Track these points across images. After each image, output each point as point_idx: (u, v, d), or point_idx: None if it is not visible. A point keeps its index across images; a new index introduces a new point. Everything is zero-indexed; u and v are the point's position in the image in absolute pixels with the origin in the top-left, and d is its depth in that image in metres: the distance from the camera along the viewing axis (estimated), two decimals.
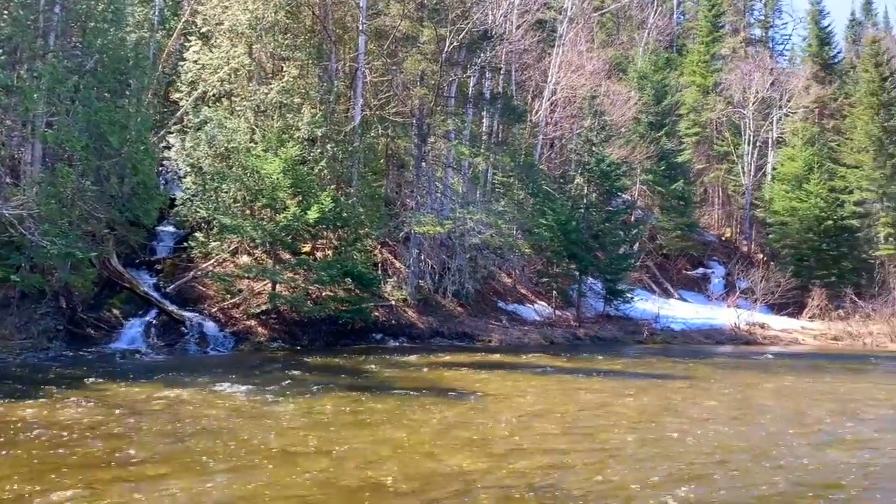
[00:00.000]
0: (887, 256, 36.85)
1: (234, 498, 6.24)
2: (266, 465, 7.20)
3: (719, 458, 8.11)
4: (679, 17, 54.76)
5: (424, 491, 6.52)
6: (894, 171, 37.30)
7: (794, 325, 31.03)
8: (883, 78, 39.00)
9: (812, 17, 48.35)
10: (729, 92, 43.85)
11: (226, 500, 6.24)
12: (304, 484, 6.61)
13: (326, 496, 6.33)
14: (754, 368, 18.62)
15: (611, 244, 29.10)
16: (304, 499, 6.22)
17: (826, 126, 44.52)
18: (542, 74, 33.07)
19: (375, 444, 8.27)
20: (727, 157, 44.21)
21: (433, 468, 7.33)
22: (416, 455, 7.85)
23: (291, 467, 7.16)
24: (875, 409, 12.23)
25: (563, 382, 14.16)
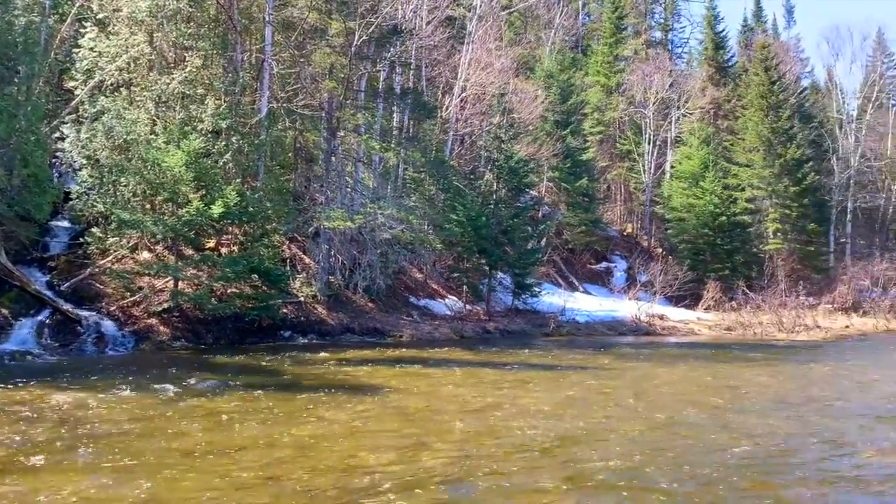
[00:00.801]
0: (775, 250, 39.23)
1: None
2: (163, 468, 6.98)
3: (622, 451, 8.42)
4: (584, 17, 56.34)
5: (330, 488, 6.50)
6: (782, 170, 39.69)
7: (691, 317, 32.55)
8: (772, 81, 41.39)
9: (708, 22, 50.74)
10: (631, 92, 45.47)
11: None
12: (203, 486, 6.46)
13: (226, 497, 6.20)
14: (652, 358, 19.43)
15: (519, 239, 29.70)
16: (200, 501, 6.08)
17: (720, 126, 46.87)
18: (452, 71, 33.33)
19: (281, 442, 8.16)
20: (629, 156, 45.90)
21: (340, 465, 7.30)
22: (323, 452, 7.80)
23: (189, 469, 6.97)
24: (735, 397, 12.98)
25: (471, 376, 14.36)
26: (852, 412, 11.43)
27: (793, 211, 39.62)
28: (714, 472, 7.31)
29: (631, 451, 8.08)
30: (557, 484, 6.77)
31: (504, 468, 7.30)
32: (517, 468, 7.33)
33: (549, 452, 8.10)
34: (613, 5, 49.98)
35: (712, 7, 50.65)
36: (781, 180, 39.56)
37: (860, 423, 10.41)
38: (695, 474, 7.27)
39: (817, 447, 8.82)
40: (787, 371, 17.42)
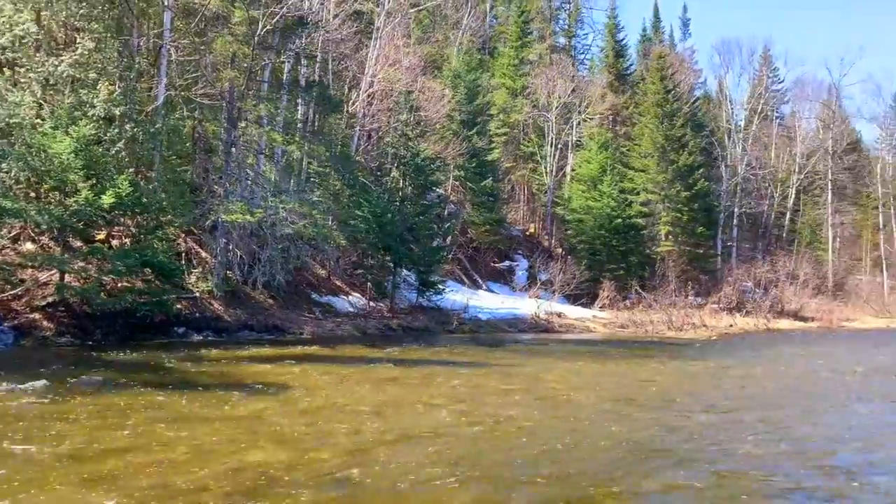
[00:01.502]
0: (667, 252, 41.11)
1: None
2: (43, 472, 6.62)
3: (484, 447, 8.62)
4: (492, 20, 57.14)
5: (221, 489, 6.34)
6: (675, 176, 41.61)
7: (587, 314, 33.66)
8: (667, 91, 43.32)
9: (609, 31, 52.55)
10: (535, 96, 46.51)
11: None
12: (87, 489, 6.17)
13: (112, 500, 5.95)
14: (549, 354, 19.99)
15: (425, 237, 29.87)
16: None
17: (619, 132, 48.69)
18: (360, 66, 33.10)
19: (171, 442, 7.89)
20: (532, 158, 46.95)
21: (232, 465, 7.14)
22: (215, 452, 7.60)
23: (72, 473, 6.64)
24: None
25: (372, 373, 14.33)
26: (707, 406, 12.13)
27: (684, 215, 41.61)
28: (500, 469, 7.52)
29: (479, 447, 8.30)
30: (449, 477, 6.87)
31: (398, 463, 7.34)
32: (413, 463, 7.38)
33: (442, 445, 8.21)
34: (520, 9, 50.97)
35: (614, 16, 52.58)
36: (674, 185, 41.47)
37: (705, 419, 11.05)
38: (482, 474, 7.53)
39: (654, 441, 9.32)
40: (669, 368, 18.29)
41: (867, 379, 16.49)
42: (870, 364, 19.84)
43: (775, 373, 17.39)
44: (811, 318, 40.33)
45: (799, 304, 41.56)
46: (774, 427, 10.19)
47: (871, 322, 41.93)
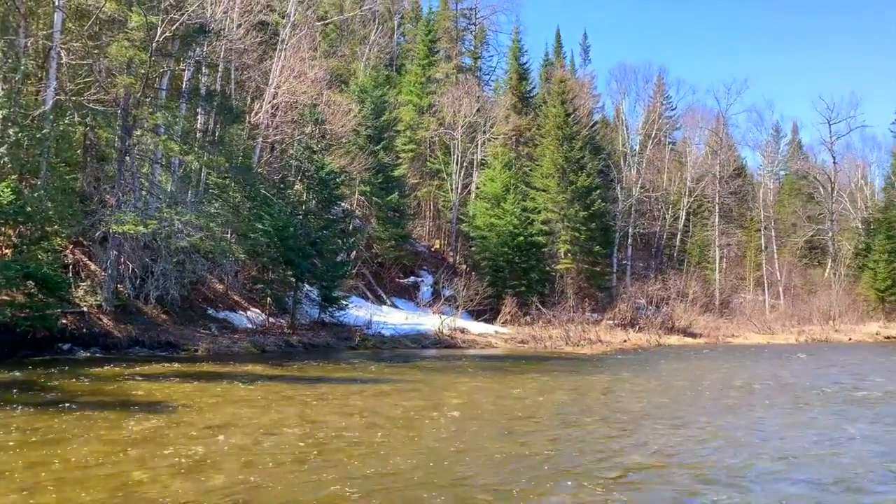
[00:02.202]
0: (565, 270, 42.31)
1: None
2: None
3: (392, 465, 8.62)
4: (400, 38, 57.57)
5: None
6: (574, 196, 42.98)
7: (490, 330, 34.16)
8: (567, 114, 44.79)
9: (513, 54, 53.91)
10: (441, 114, 47.09)
11: None
12: None
13: None
14: (450, 370, 20.15)
15: (328, 252, 29.55)
16: None
17: (521, 152, 49.87)
18: (264, 76, 32.58)
19: (50, 465, 7.47)
20: (438, 175, 47.45)
21: (115, 489, 6.83)
22: (100, 475, 7.25)
23: None
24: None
25: (265, 391, 14.02)
26: (599, 419, 12.59)
27: (582, 234, 43.00)
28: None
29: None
30: (347, 498, 6.83)
31: (289, 485, 7.22)
32: (308, 484, 7.28)
33: (338, 464, 8.14)
34: (427, 29, 51.63)
35: (517, 40, 53.93)
36: (573, 205, 42.82)
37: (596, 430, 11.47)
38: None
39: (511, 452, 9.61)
40: (566, 382, 18.80)
41: (747, 392, 17.49)
42: (749, 378, 21.04)
43: (667, 387, 18.17)
44: (699, 334, 42.31)
45: (688, 320, 43.54)
46: (666, 439, 10.65)
47: (754, 338, 44.38)
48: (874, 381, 20.27)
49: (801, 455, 9.70)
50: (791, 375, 21.94)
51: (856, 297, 57.72)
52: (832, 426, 12.18)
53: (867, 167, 75.26)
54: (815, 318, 51.84)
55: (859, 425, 12.24)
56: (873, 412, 14.10)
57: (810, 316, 52.04)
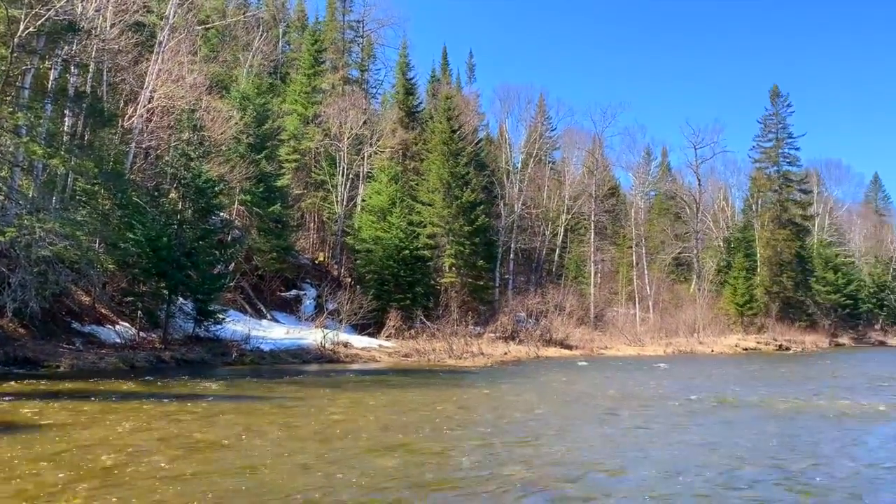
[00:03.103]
0: (450, 283, 42.78)
1: None
2: None
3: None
4: (285, 46, 56.62)
5: None
6: (458, 211, 43.59)
7: (374, 344, 33.96)
8: (453, 130, 45.47)
9: (400, 68, 54.16)
10: (327, 125, 46.60)
11: None
12: None
13: None
14: (331, 385, 19.86)
15: (205, 263, 28.45)
16: None
17: (408, 166, 50.09)
18: (139, 79, 31.09)
19: None
20: (323, 186, 46.84)
21: None
22: None
23: None
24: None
25: (133, 410, 13.29)
26: (481, 433, 12.82)
27: (466, 248, 43.67)
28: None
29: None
30: None
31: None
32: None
33: (205, 486, 7.82)
34: (313, 38, 51.05)
35: (405, 55, 54.24)
36: (458, 220, 43.43)
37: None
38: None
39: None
40: (447, 395, 18.98)
41: (617, 402, 18.29)
42: (621, 389, 22.03)
43: (544, 398, 18.69)
44: (575, 346, 43.88)
45: (565, 333, 45.07)
46: (544, 449, 10.93)
47: (625, 350, 46.51)
48: (720, 391, 21.73)
49: (668, 462, 10.21)
50: (659, 387, 23.13)
51: (718, 311, 61.77)
52: (680, 431, 12.93)
53: (728, 190, 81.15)
54: (681, 330, 55.04)
55: (699, 430, 13.07)
56: (714, 419, 15.09)
57: (677, 329, 55.21)
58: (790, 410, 16.93)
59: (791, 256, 66.29)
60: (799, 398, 19.60)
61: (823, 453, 11.41)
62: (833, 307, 70.07)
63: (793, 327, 62.70)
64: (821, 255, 73.11)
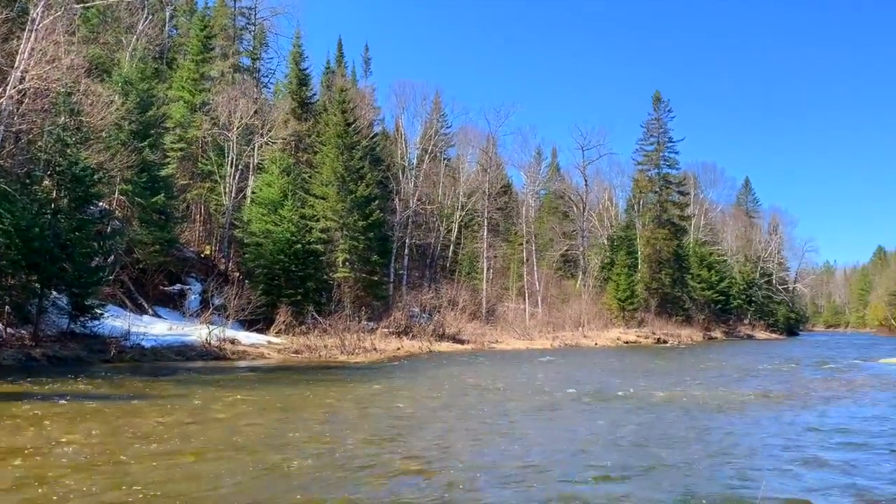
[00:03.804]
0: (343, 278, 42.43)
1: None
2: None
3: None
4: (172, 30, 54.22)
5: None
6: (353, 205, 43.26)
7: (262, 340, 33.21)
8: (347, 123, 45.04)
9: (293, 58, 53.04)
10: (216, 113, 45.05)
11: None
12: None
13: None
14: (215, 384, 19.31)
15: (81, 255, 26.87)
16: None
17: (301, 158, 49.23)
18: (9, 58, 28.90)
19: None
20: (211, 177, 45.26)
21: None
22: None
23: None
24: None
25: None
26: (367, 430, 12.88)
27: (360, 243, 43.41)
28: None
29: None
30: None
31: None
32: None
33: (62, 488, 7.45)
34: (202, 24, 49.17)
35: (299, 45, 53.16)
36: (352, 214, 43.10)
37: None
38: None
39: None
40: (337, 392, 18.88)
41: (505, 393, 18.77)
42: (508, 381, 22.61)
43: (434, 392, 18.91)
44: (467, 340, 44.62)
45: (457, 328, 45.73)
46: (429, 443, 11.07)
47: (515, 344, 47.72)
48: (599, 383, 22.75)
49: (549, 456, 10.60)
50: (547, 378, 23.90)
51: (601, 306, 64.46)
52: (574, 422, 13.48)
53: (613, 190, 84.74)
54: (567, 325, 57.09)
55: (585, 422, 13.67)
56: (587, 410, 15.80)
57: (564, 323, 57.22)
58: (662, 401, 17.92)
59: (669, 254, 70.02)
60: (673, 389, 20.78)
61: (683, 439, 12.16)
62: (707, 303, 74.62)
63: (670, 321, 66.31)
64: (696, 254, 77.65)
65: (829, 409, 16.64)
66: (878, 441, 12.28)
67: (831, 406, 17.40)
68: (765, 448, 11.53)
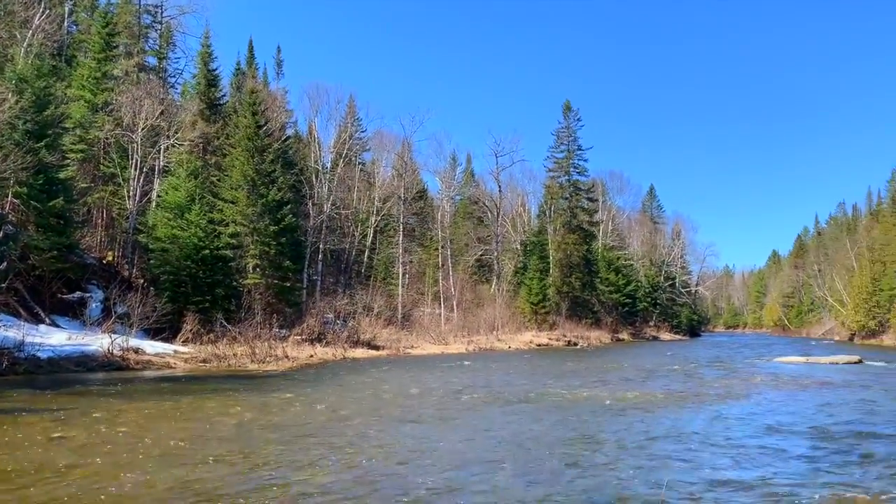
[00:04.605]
0: (253, 285, 41.48)
1: None
2: None
3: None
4: (71, 26, 51.74)
5: None
6: (264, 210, 42.37)
7: (169, 349, 32.06)
8: (258, 126, 44.10)
9: (202, 58, 51.55)
10: (119, 114, 43.27)
11: None
12: None
13: None
14: (117, 395, 18.55)
15: None
16: None
17: (209, 161, 47.81)
18: None
19: None
20: (114, 180, 43.44)
21: None
22: None
23: None
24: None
25: None
26: (278, 440, 12.69)
27: (271, 248, 42.54)
28: None
29: None
30: None
31: None
32: None
33: None
34: (104, 20, 47.17)
35: (207, 45, 51.70)
36: (263, 219, 42.21)
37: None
38: None
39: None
40: (244, 403, 18.46)
41: (421, 399, 18.82)
42: (423, 386, 22.68)
43: (348, 399, 18.75)
44: (382, 346, 44.40)
45: (373, 333, 45.47)
46: (348, 454, 10.97)
47: (430, 349, 47.85)
48: (510, 386, 23.15)
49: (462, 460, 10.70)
50: (459, 383, 24.10)
51: (515, 309, 65.56)
52: (491, 425, 13.67)
53: (526, 196, 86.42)
54: (482, 328, 57.73)
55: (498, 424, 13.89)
56: (495, 412, 16.08)
57: (478, 327, 57.82)
58: (569, 402, 18.40)
59: (579, 259, 71.90)
60: (580, 390, 21.36)
61: (590, 438, 12.54)
62: (615, 305, 77.09)
63: (580, 324, 68.09)
64: (604, 258, 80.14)
65: (725, 408, 17.49)
66: (774, 439, 13.01)
67: (728, 404, 18.30)
68: (664, 446, 12.02)
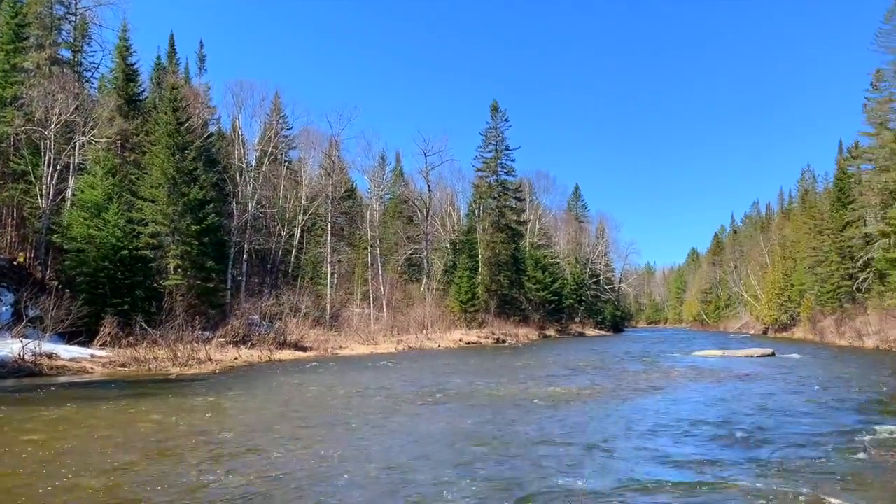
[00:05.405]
0: (175, 286, 40.31)
1: None
2: None
3: None
4: None
5: None
6: (185, 209, 41.21)
7: (85, 354, 30.83)
8: (179, 122, 42.87)
9: (120, 52, 49.72)
10: (30, 108, 41.31)
11: None
12: None
13: None
14: (30, 403, 17.76)
15: None
16: None
17: (128, 158, 46.21)
18: None
19: None
20: (25, 177, 41.43)
21: None
22: None
23: None
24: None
25: None
26: (208, 444, 12.43)
27: (194, 249, 41.42)
28: None
29: None
30: None
31: None
32: None
33: None
34: (14, 11, 44.91)
35: (125, 38, 49.88)
36: (184, 218, 41.05)
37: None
38: None
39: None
40: (165, 407, 17.96)
41: (346, 400, 18.70)
42: (351, 387, 22.54)
43: (274, 402, 18.45)
44: (310, 347, 43.84)
45: (300, 334, 44.84)
46: (267, 459, 10.80)
47: (359, 349, 47.52)
48: (439, 384, 23.30)
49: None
50: (387, 382, 24.05)
51: (445, 308, 65.85)
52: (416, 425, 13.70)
53: (455, 195, 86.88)
54: (412, 328, 57.74)
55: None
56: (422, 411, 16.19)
57: (408, 326, 57.81)
58: (495, 398, 18.63)
59: (507, 257, 72.84)
60: (508, 386, 21.65)
61: (515, 433, 12.74)
62: (542, 303, 78.42)
63: (509, 322, 68.97)
64: (532, 257, 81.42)
65: (646, 401, 18.04)
66: (700, 429, 13.49)
67: (649, 397, 18.88)
68: (586, 439, 12.32)
